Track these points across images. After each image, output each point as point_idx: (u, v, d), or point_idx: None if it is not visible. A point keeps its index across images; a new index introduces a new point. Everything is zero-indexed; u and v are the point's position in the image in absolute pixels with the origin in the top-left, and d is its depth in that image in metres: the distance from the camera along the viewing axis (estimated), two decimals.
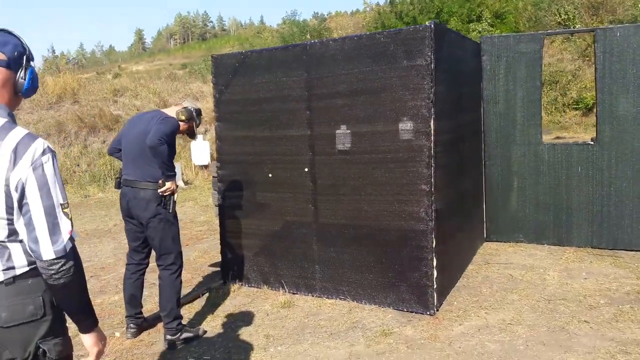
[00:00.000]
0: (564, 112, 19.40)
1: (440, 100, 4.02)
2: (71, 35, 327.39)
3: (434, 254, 3.98)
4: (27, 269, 1.58)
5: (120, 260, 5.72)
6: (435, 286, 4.00)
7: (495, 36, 5.71)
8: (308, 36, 33.32)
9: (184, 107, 3.89)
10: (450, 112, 4.40)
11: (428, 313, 4.01)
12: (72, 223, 1.61)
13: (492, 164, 5.78)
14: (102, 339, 1.74)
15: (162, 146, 3.55)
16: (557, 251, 5.40)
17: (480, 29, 28.03)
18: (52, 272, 1.53)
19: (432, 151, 3.91)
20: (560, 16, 28.29)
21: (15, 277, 1.57)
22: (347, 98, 4.21)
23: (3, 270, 1.56)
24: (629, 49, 5.09)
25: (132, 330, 3.88)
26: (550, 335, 3.54)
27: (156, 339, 3.85)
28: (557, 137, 16.16)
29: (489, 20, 28.74)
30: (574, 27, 26.70)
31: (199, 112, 3.99)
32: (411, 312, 4.06)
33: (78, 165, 12.51)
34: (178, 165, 13.18)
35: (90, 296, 1.71)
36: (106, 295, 4.89)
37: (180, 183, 12.66)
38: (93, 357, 1.71)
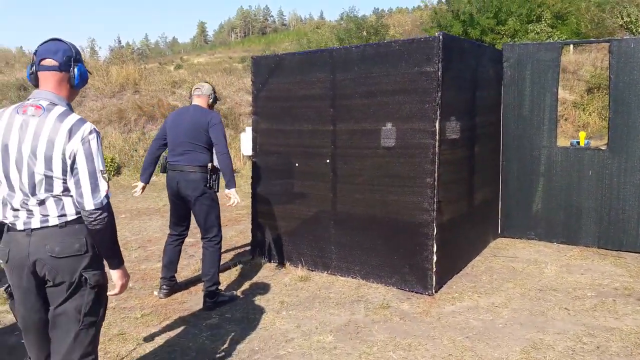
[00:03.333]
0: None
1: (447, 103, 4.47)
2: (137, 26, 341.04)
3: (434, 241, 4.45)
4: (75, 216, 2.20)
5: (166, 234, 6.48)
6: (434, 269, 4.47)
7: (516, 44, 6.05)
8: (364, 33, 33.71)
9: (211, 97, 4.51)
10: (459, 115, 4.83)
11: (427, 293, 4.49)
12: (108, 185, 2.21)
13: (509, 164, 6.13)
14: (126, 276, 2.34)
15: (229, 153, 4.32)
16: (564, 249, 5.72)
17: (539, 30, 27.56)
18: (92, 219, 2.14)
19: (437, 149, 4.38)
20: (623, 19, 27.36)
21: (67, 222, 2.19)
22: (365, 98, 4.74)
23: (58, 216, 2.18)
24: None
25: (165, 290, 4.57)
26: (529, 318, 3.95)
27: (188, 299, 4.53)
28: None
29: (548, 21, 28.11)
30: (636, 30, 25.78)
31: (215, 91, 4.63)
32: (412, 291, 4.55)
33: (136, 151, 13.55)
34: None
35: (136, 263, 2.31)
36: (150, 263, 5.63)
37: None
38: (118, 288, 2.33)
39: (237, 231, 7.05)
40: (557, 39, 25.66)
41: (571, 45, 25.26)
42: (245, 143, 14.35)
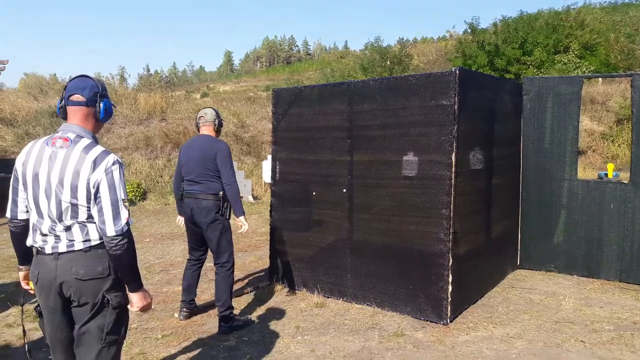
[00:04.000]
0: None
1: (464, 135, 4.56)
2: (166, 54, 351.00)
3: (450, 271, 4.48)
4: (98, 241, 2.34)
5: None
6: (449, 299, 4.49)
7: (536, 77, 6.13)
8: (388, 62, 34.06)
9: (216, 123, 4.67)
10: (476, 147, 4.91)
11: (441, 323, 4.50)
12: (129, 213, 2.36)
13: (529, 196, 6.14)
14: (145, 298, 2.44)
15: (235, 183, 4.47)
16: (584, 282, 5.67)
17: (567, 61, 27.37)
18: (112, 245, 2.27)
19: (453, 180, 4.45)
20: None
21: (91, 247, 2.34)
22: (381, 130, 4.86)
23: (83, 241, 2.33)
24: None
25: (185, 313, 4.70)
26: (544, 349, 3.94)
27: (207, 321, 4.63)
28: None
29: (576, 52, 27.84)
30: None
31: (219, 114, 4.77)
32: (427, 320, 4.57)
33: (161, 177, 13.89)
34: (249, 182, 14.29)
35: (158, 286, 2.43)
36: (172, 286, 5.76)
37: (250, 198, 13.72)
38: (136, 309, 2.44)
39: (256, 257, 7.17)
40: (585, 70, 25.52)
41: None
42: (267, 170, 14.56)
